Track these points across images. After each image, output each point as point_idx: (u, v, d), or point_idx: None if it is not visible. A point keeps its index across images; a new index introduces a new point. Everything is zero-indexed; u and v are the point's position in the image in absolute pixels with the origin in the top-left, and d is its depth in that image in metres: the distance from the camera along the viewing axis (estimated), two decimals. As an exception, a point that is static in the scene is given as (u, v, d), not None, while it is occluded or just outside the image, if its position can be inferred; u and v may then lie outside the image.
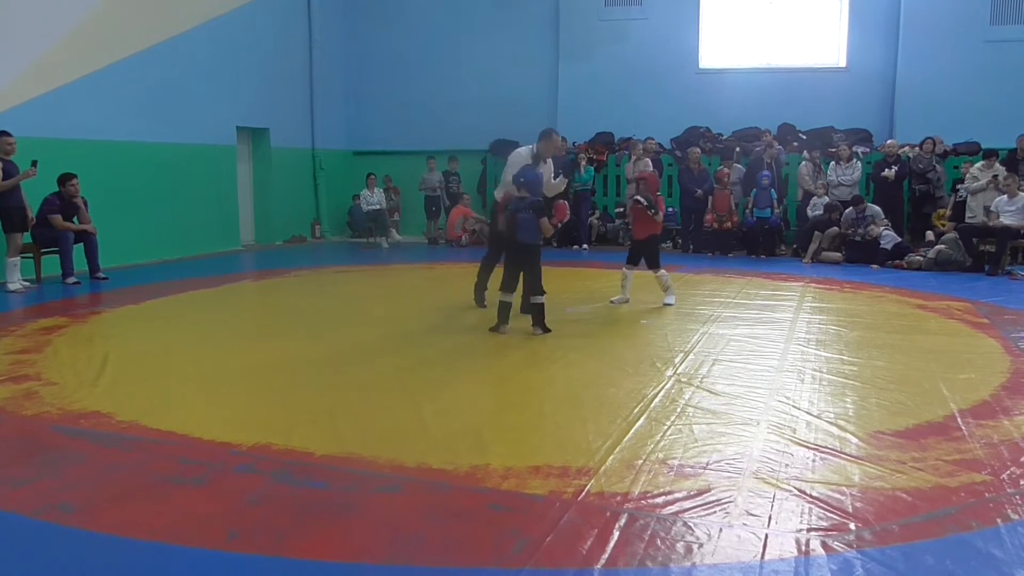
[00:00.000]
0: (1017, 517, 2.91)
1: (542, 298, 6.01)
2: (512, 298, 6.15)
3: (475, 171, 13.99)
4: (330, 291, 8.71)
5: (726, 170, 11.75)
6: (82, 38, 2.28)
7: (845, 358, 5.33)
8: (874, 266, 10.03)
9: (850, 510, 2.96)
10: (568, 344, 5.75)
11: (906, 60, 12.38)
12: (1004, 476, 3.30)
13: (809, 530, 2.81)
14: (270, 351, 5.65)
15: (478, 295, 7.21)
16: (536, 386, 4.89)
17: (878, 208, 10.65)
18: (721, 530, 2.81)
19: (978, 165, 10.52)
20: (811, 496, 3.09)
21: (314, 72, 14.00)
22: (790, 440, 3.72)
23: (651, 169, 9.81)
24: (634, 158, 12.21)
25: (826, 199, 11.20)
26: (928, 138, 11.49)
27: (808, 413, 4.13)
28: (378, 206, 13.23)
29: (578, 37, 13.74)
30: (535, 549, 2.66)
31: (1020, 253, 10.31)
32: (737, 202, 11.86)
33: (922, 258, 9.92)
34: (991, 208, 9.83)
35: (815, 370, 5.01)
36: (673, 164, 12.62)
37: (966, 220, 10.23)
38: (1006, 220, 9.56)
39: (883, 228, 10.39)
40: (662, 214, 7.33)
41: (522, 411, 4.37)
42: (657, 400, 4.34)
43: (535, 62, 13.99)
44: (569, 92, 13.80)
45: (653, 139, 12.70)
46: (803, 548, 2.68)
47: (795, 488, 3.17)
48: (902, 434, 3.82)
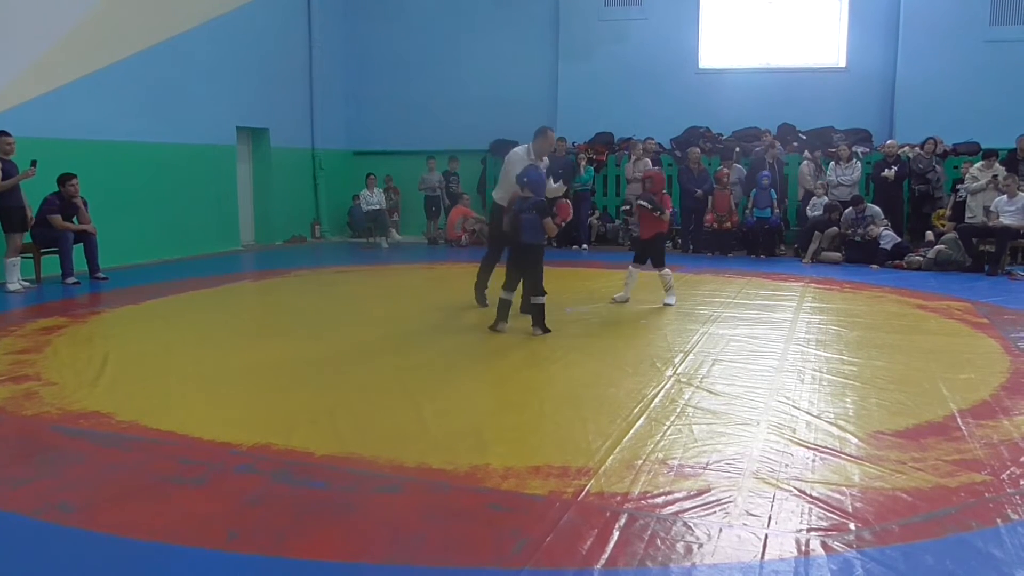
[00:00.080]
0: (1017, 517, 2.91)
1: (543, 299, 6.02)
2: (512, 297, 6.16)
3: (475, 171, 14.00)
4: (330, 291, 8.71)
5: (726, 170, 11.75)
6: (82, 38, 2.28)
7: (845, 358, 5.33)
8: (874, 266, 10.03)
9: (850, 510, 2.96)
10: (568, 344, 5.75)
11: (906, 60, 12.38)
12: (1004, 476, 3.30)
13: (809, 530, 2.81)
14: (270, 351, 5.65)
15: (479, 295, 7.22)
16: (536, 386, 4.89)
17: (878, 208, 10.65)
18: (721, 530, 2.81)
19: (978, 165, 10.52)
20: (811, 496, 3.09)
21: (314, 72, 14.01)
22: (790, 440, 3.73)
23: (656, 168, 9.77)
24: (634, 158, 12.22)
25: (826, 199, 11.20)
26: (929, 138, 11.50)
27: (808, 413, 4.13)
28: (378, 206, 13.23)
29: (578, 37, 13.74)
30: (535, 549, 2.66)
31: (1020, 253, 10.32)
32: (737, 202, 11.86)
33: (922, 258, 9.92)
34: (991, 208, 9.83)
35: (815, 370, 5.01)
36: (673, 164, 12.62)
37: (966, 220, 10.24)
38: (1006, 220, 9.56)
39: (883, 228, 10.39)
40: (668, 213, 7.34)
41: (522, 411, 4.37)
42: (657, 400, 4.34)
43: (535, 62, 14.00)
44: (569, 92, 13.80)
45: (653, 139, 12.71)
46: (803, 548, 2.68)
47: (795, 488, 3.17)
48: (902, 434, 3.82)
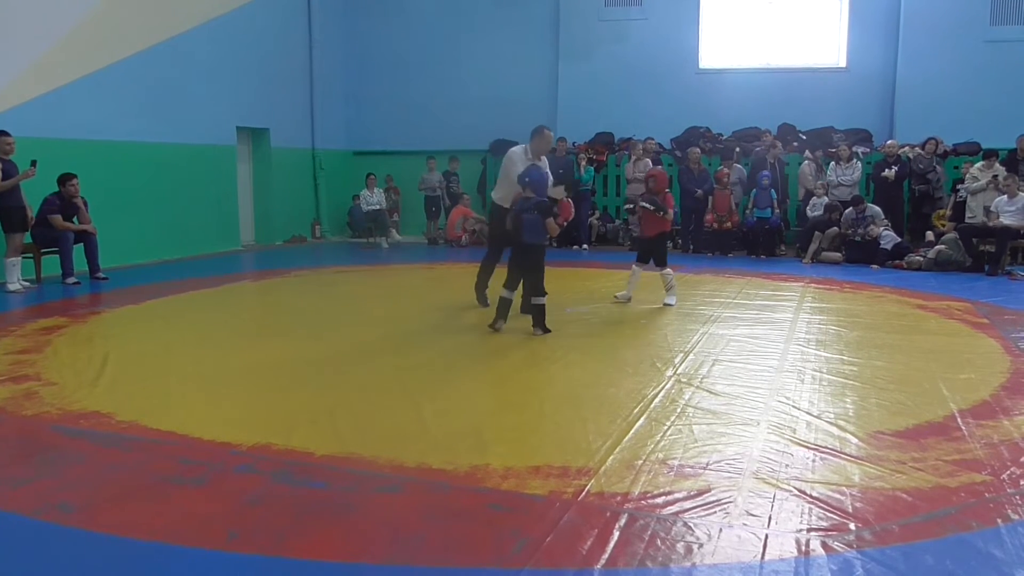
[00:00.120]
0: (1017, 517, 2.91)
1: (543, 299, 6.01)
2: (513, 296, 6.17)
3: (475, 171, 14.00)
4: (330, 291, 8.71)
5: (726, 170, 11.75)
6: (82, 38, 2.28)
7: (845, 358, 5.33)
8: (874, 266, 10.03)
9: (850, 510, 2.96)
10: (568, 344, 5.75)
11: (906, 60, 12.38)
12: (1004, 476, 3.30)
13: (809, 530, 2.81)
14: (270, 351, 5.65)
15: (479, 295, 7.22)
16: (536, 386, 4.89)
17: (878, 208, 10.65)
18: (721, 530, 2.81)
19: (978, 165, 10.52)
20: (811, 496, 3.09)
21: (314, 72, 14.01)
22: (790, 440, 3.72)
23: (659, 167, 9.74)
24: (634, 158, 12.21)
25: (826, 199, 11.20)
26: (930, 138, 11.50)
27: (808, 413, 4.13)
28: (378, 206, 13.22)
29: (578, 37, 13.74)
30: (535, 549, 2.66)
31: (1020, 253, 10.32)
32: (737, 202, 11.86)
33: (922, 258, 9.92)
34: (991, 208, 9.83)
35: (815, 370, 5.01)
36: (673, 164, 12.62)
37: (966, 220, 10.24)
38: (1006, 220, 9.56)
39: (883, 228, 10.39)
40: (672, 212, 7.38)
41: (522, 411, 4.37)
42: (657, 400, 4.34)
43: (535, 62, 14.00)
44: (569, 92, 13.80)
45: (653, 139, 12.71)
46: (803, 548, 2.68)
47: (795, 488, 3.17)
48: (902, 434, 3.82)
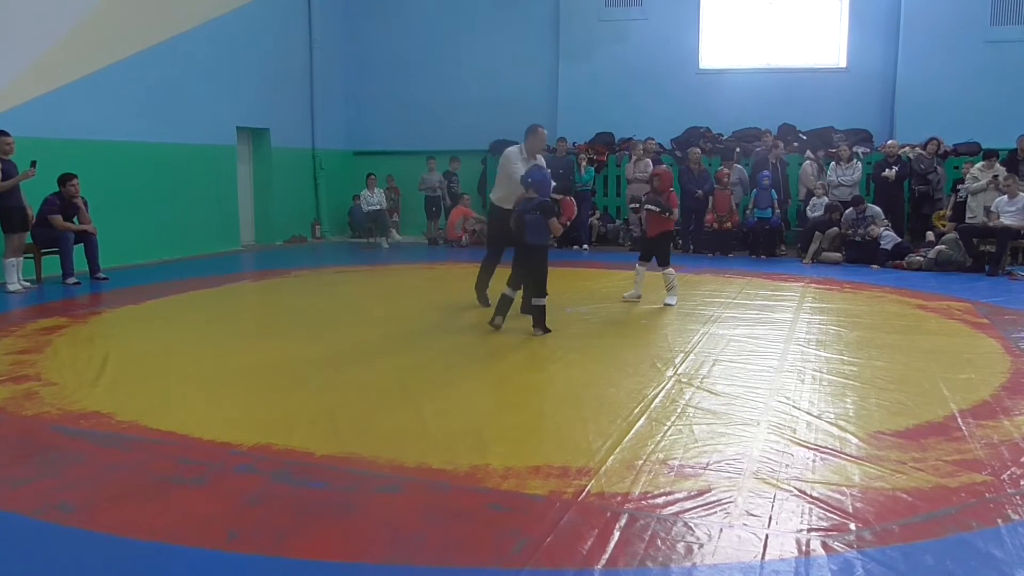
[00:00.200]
0: (1017, 517, 2.91)
1: (544, 300, 6.01)
2: (515, 295, 6.16)
3: (475, 171, 14.00)
4: (330, 291, 8.71)
5: (726, 170, 11.75)
6: (82, 38, 2.28)
7: (845, 358, 5.32)
8: (874, 266, 10.03)
9: (850, 510, 2.96)
10: (568, 344, 5.75)
11: (906, 60, 12.38)
12: (1004, 476, 3.30)
13: (809, 530, 2.81)
14: (270, 351, 5.65)
15: (480, 296, 7.22)
16: (536, 386, 4.89)
17: (878, 208, 10.65)
18: (721, 530, 2.81)
19: (978, 165, 10.52)
20: (811, 496, 3.09)
21: (314, 72, 14.00)
22: (790, 440, 3.72)
23: (663, 167, 9.73)
24: (634, 158, 12.21)
25: (826, 199, 11.20)
26: (932, 139, 11.50)
27: (808, 413, 4.13)
28: (378, 206, 13.22)
29: (578, 37, 13.74)
30: (535, 549, 2.66)
31: (1020, 253, 10.31)
32: (738, 202, 11.86)
33: (922, 258, 9.92)
34: (991, 208, 9.83)
35: (815, 370, 5.01)
36: (673, 164, 12.61)
37: (966, 220, 10.24)
38: (1006, 220, 9.56)
39: (883, 228, 10.39)
40: (676, 212, 7.42)
41: (522, 411, 4.37)
42: (657, 400, 4.34)
43: (535, 62, 13.99)
44: (569, 92, 13.80)
45: (653, 139, 12.70)
46: (803, 548, 2.68)
47: (795, 488, 3.17)
48: (902, 434, 3.82)
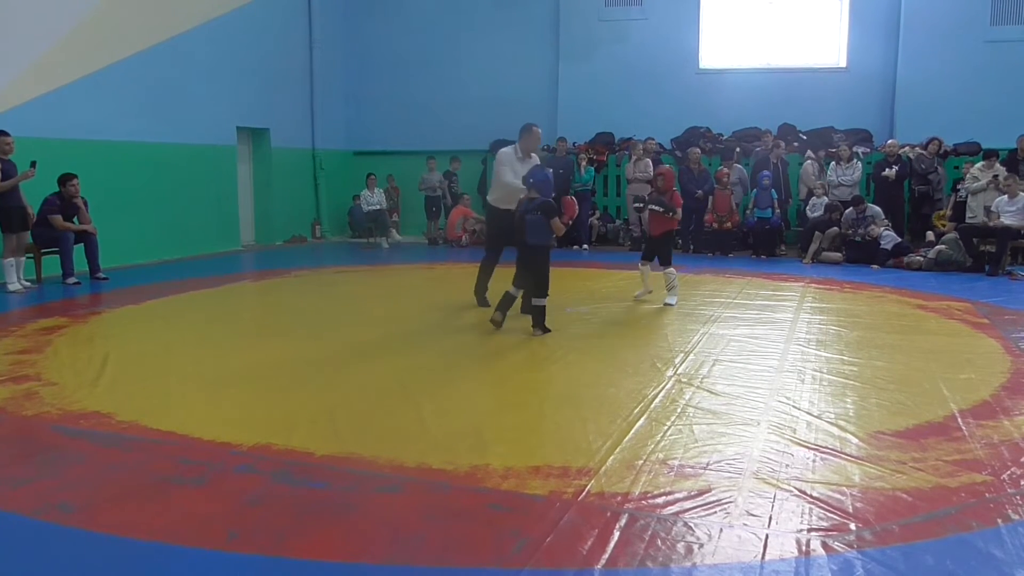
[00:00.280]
0: (1017, 517, 2.91)
1: (544, 300, 6.01)
2: (518, 294, 6.15)
3: (475, 171, 13.99)
4: (330, 291, 8.71)
5: (726, 170, 11.75)
6: (82, 38, 2.28)
7: (845, 358, 5.32)
8: (874, 266, 10.03)
9: (850, 510, 2.96)
10: (568, 344, 5.75)
11: (906, 60, 12.38)
12: (1004, 476, 3.30)
13: (809, 530, 2.81)
14: (270, 351, 5.65)
15: (479, 297, 7.22)
16: (536, 386, 4.89)
17: (878, 208, 10.65)
18: (721, 530, 2.81)
19: (978, 165, 10.52)
20: (811, 496, 3.09)
21: (314, 72, 14.00)
22: (790, 440, 3.72)
23: (667, 166, 9.73)
24: (634, 158, 12.20)
25: (826, 199, 11.20)
26: (933, 138, 11.49)
27: (808, 413, 4.13)
28: (378, 206, 13.22)
29: (578, 37, 13.74)
30: (535, 549, 2.66)
31: (1020, 253, 10.31)
32: (738, 202, 11.86)
33: (922, 258, 9.92)
34: (991, 208, 9.83)
35: (815, 370, 5.01)
36: (673, 164, 12.60)
37: (966, 220, 10.24)
38: (1006, 220, 9.56)
39: (883, 228, 10.39)
40: (680, 212, 7.48)
41: (522, 411, 4.37)
42: (657, 400, 4.34)
43: (535, 62, 13.99)
44: (569, 92, 13.80)
45: (653, 139, 12.70)
46: (803, 548, 2.68)
47: (795, 488, 3.17)
48: (902, 434, 3.82)
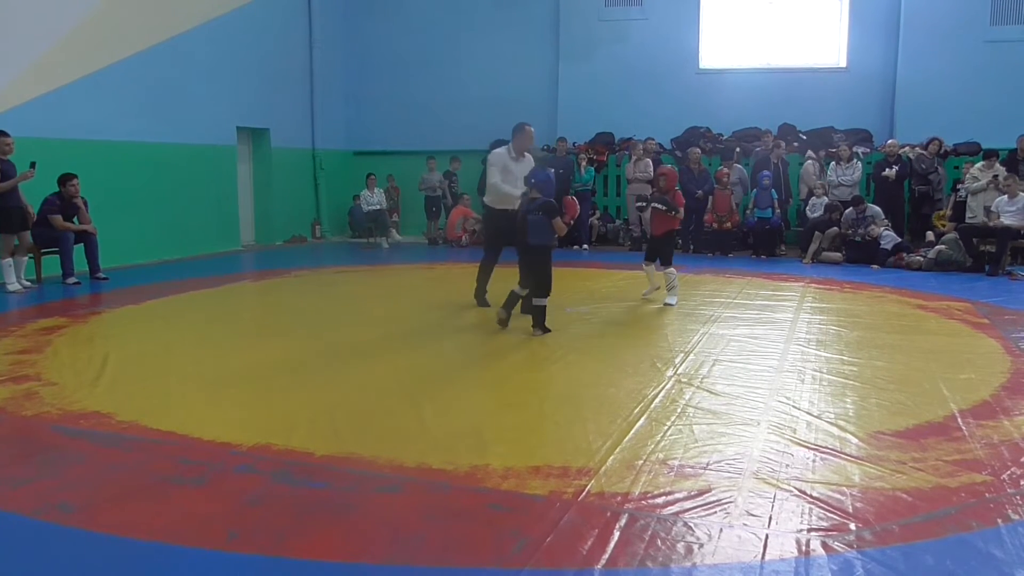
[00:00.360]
0: (1017, 517, 2.91)
1: (545, 300, 6.00)
2: (524, 293, 6.15)
3: (475, 171, 13.98)
4: (330, 291, 8.71)
5: (726, 170, 11.76)
6: (82, 38, 2.27)
7: (845, 358, 5.32)
8: (874, 266, 10.03)
9: (850, 510, 2.96)
10: (568, 344, 5.75)
11: (906, 60, 12.38)
12: (1004, 476, 3.30)
13: (809, 530, 2.81)
14: (270, 351, 5.65)
15: (479, 300, 7.21)
16: (536, 386, 4.89)
17: (878, 208, 10.65)
18: (721, 530, 2.81)
19: (978, 165, 10.52)
20: (811, 496, 3.09)
21: (314, 72, 14.00)
22: (790, 440, 3.72)
23: (669, 166, 9.73)
24: (634, 158, 12.21)
25: (826, 199, 11.20)
26: (933, 138, 11.49)
27: (808, 413, 4.13)
28: (378, 206, 13.22)
29: (578, 37, 13.74)
30: (535, 549, 2.66)
31: (1020, 253, 10.31)
32: (738, 202, 11.86)
33: (922, 258, 9.92)
34: (991, 208, 9.83)
35: (815, 370, 5.01)
36: (673, 164, 12.59)
37: (966, 220, 10.24)
38: (1006, 220, 9.56)
39: (883, 228, 10.39)
40: (681, 211, 7.52)
41: (522, 411, 4.37)
42: (657, 400, 4.34)
43: (535, 62, 13.99)
44: (569, 92, 13.80)
45: (653, 139, 12.70)
46: (803, 548, 2.68)
47: (795, 488, 3.17)
48: (902, 434, 3.82)
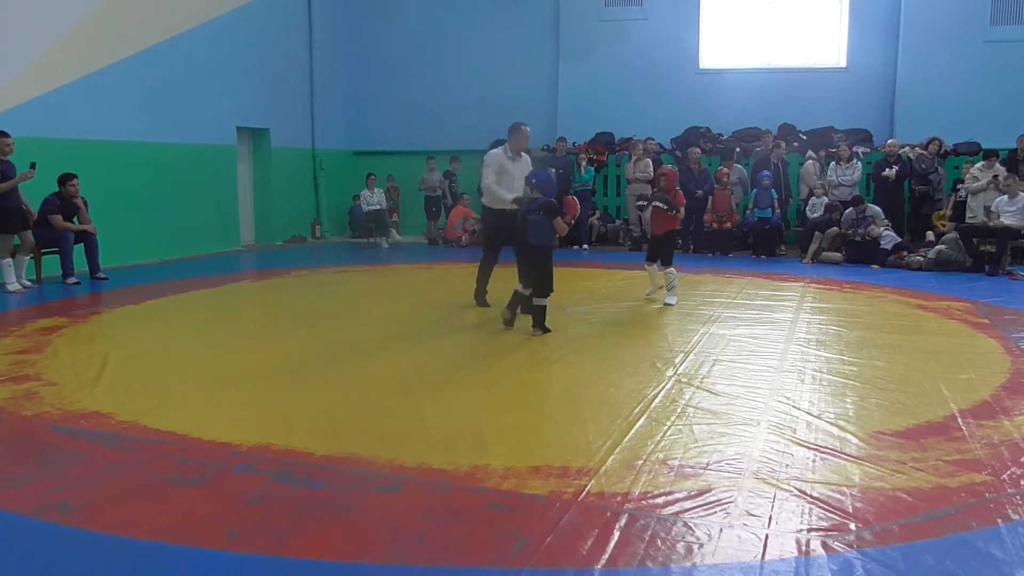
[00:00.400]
0: (1017, 517, 2.91)
1: (545, 300, 6.00)
2: (527, 292, 6.14)
3: (475, 171, 13.96)
4: (330, 291, 8.71)
5: (726, 170, 11.76)
6: (82, 38, 2.27)
7: (845, 358, 5.32)
8: (874, 266, 10.03)
9: (850, 510, 2.96)
10: (568, 344, 5.75)
11: (906, 60, 12.38)
12: (1004, 476, 3.30)
13: (809, 530, 2.81)
14: (270, 351, 5.65)
15: (479, 299, 7.21)
16: (536, 386, 4.89)
17: (878, 208, 10.65)
18: (721, 530, 2.81)
19: (978, 165, 10.52)
20: (811, 496, 3.09)
21: (314, 72, 14.00)
22: (790, 440, 3.72)
23: (669, 166, 9.73)
24: (634, 158, 12.21)
25: (826, 199, 11.20)
26: (933, 138, 11.49)
27: (808, 413, 4.13)
28: (378, 206, 13.22)
29: (578, 37, 13.74)
30: (535, 549, 2.66)
31: (1020, 253, 10.30)
32: (738, 202, 11.86)
33: (922, 258, 9.92)
34: (991, 208, 9.83)
35: (815, 370, 5.01)
36: (673, 164, 12.59)
37: (966, 220, 10.24)
38: (1006, 220, 9.56)
39: (883, 228, 10.39)
40: (682, 210, 7.54)
41: (522, 411, 4.37)
42: (657, 400, 4.34)
43: (535, 62, 13.99)
44: (569, 92, 13.80)
45: (653, 139, 12.70)
46: (803, 548, 2.68)
47: (795, 488, 3.17)
48: (902, 434, 3.82)
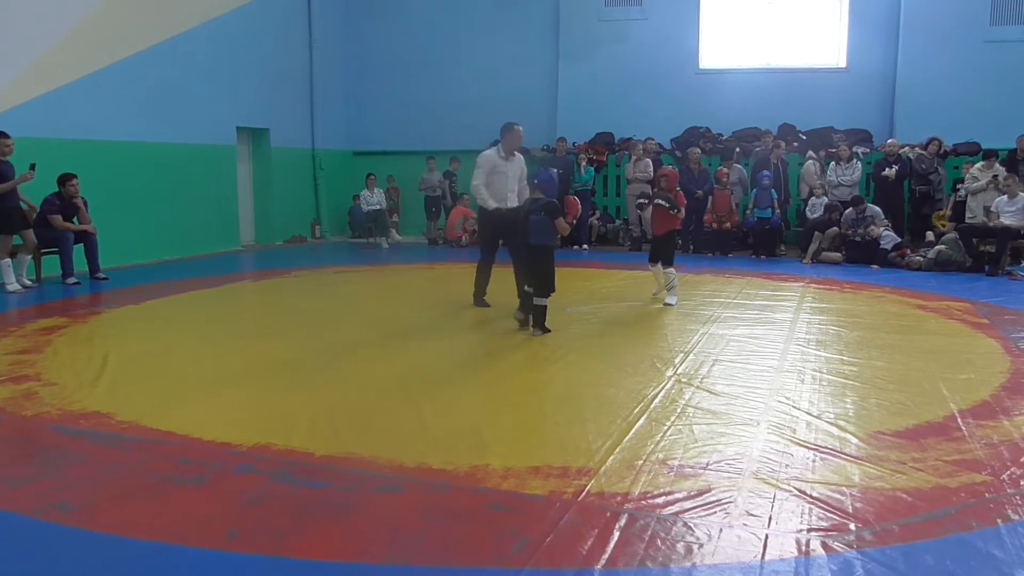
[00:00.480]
0: (1017, 517, 2.91)
1: (546, 300, 6.00)
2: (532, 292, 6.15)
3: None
4: (330, 291, 8.71)
5: (726, 170, 11.76)
6: (82, 38, 2.28)
7: (845, 358, 5.32)
8: (874, 266, 10.03)
9: (850, 510, 2.96)
10: (568, 344, 5.75)
11: (906, 60, 12.38)
12: (1004, 476, 3.30)
13: (809, 530, 2.81)
14: (270, 351, 5.65)
15: (478, 300, 7.21)
16: (536, 386, 4.89)
17: (878, 208, 10.65)
18: (721, 530, 2.81)
19: (978, 165, 10.52)
20: (811, 496, 3.09)
21: (314, 72, 14.00)
22: (790, 440, 3.72)
23: (670, 167, 9.75)
24: (634, 158, 12.21)
25: (826, 199, 11.20)
26: (933, 139, 11.49)
27: (808, 413, 4.13)
28: (378, 206, 13.22)
29: (578, 37, 13.74)
30: (535, 549, 2.66)
31: (1020, 253, 10.30)
32: (737, 202, 11.86)
33: (922, 258, 9.92)
34: (991, 208, 9.83)
35: (815, 370, 5.01)
36: (673, 164, 12.60)
37: (966, 220, 10.23)
38: (1006, 220, 9.56)
39: (883, 228, 10.39)
40: (683, 210, 7.55)
41: (522, 411, 4.37)
42: (657, 400, 4.34)
43: (535, 62, 14.00)
44: (569, 92, 13.80)
45: (653, 139, 12.70)
46: (803, 548, 2.68)
47: (795, 488, 3.17)
48: (902, 434, 3.82)
